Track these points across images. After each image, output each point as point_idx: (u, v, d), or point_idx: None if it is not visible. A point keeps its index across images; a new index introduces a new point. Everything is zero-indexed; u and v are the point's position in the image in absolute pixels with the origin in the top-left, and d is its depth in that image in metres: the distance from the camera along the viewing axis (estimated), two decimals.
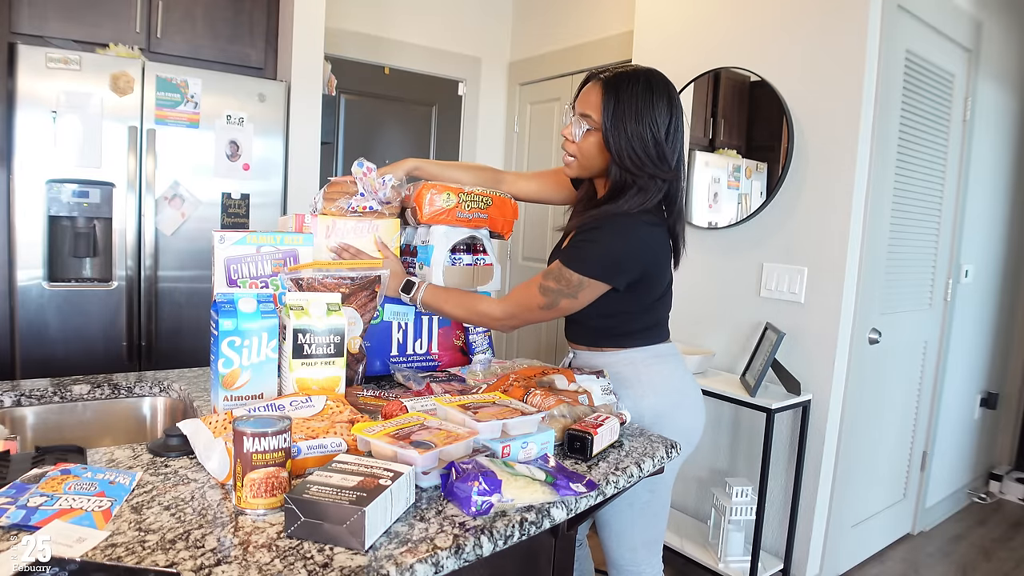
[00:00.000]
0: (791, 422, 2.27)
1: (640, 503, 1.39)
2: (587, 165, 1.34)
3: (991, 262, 3.02)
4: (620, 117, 1.24)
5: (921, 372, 2.69)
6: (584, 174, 1.37)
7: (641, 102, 1.24)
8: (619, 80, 1.26)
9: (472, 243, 1.60)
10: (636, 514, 1.40)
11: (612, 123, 1.25)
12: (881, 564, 2.57)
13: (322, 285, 1.26)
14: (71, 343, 2.35)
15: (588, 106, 1.29)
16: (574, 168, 1.36)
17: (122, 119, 2.35)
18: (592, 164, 1.33)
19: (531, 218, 3.74)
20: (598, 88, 1.28)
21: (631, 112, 1.24)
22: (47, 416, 1.33)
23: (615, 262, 1.28)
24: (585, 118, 1.29)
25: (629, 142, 1.25)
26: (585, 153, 1.32)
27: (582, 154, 1.32)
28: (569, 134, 1.33)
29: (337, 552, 0.76)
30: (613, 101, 1.25)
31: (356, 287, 1.30)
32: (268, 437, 0.83)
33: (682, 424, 1.38)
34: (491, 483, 0.89)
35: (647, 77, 1.27)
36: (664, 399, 1.38)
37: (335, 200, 1.48)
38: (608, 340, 1.41)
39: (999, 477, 3.30)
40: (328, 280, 1.27)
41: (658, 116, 1.25)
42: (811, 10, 2.22)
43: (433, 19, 3.59)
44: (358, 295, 1.31)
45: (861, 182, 2.14)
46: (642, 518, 1.41)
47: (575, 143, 1.32)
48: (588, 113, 1.28)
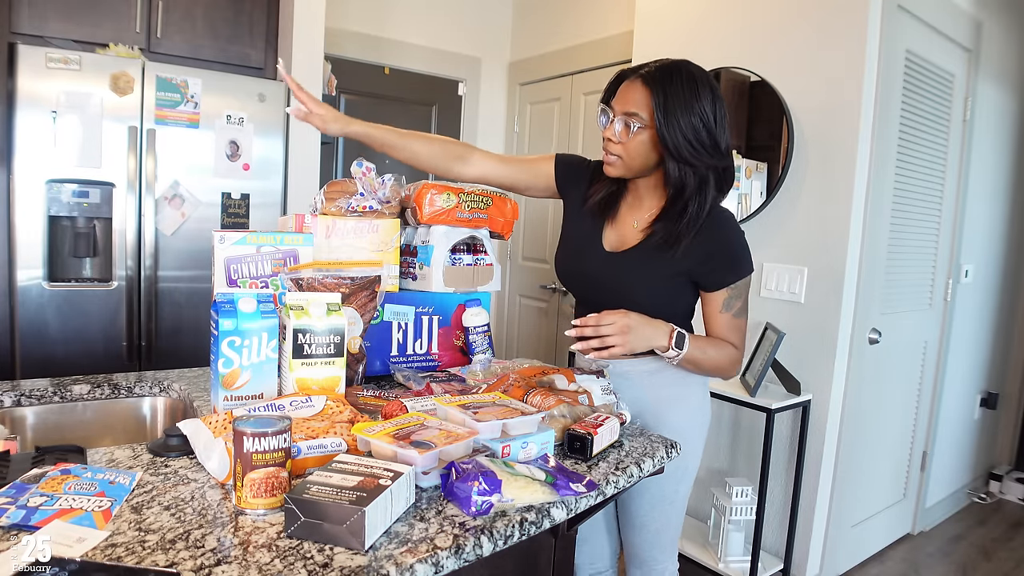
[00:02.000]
0: (791, 422, 2.27)
1: (680, 499, 1.42)
2: (633, 164, 1.30)
3: (991, 262, 3.02)
4: (672, 111, 1.22)
5: (921, 372, 2.69)
6: (628, 174, 1.33)
7: (688, 93, 1.22)
8: (662, 74, 1.24)
9: (472, 243, 1.60)
10: (676, 511, 1.43)
11: (665, 119, 1.22)
12: (881, 564, 2.57)
13: (322, 285, 1.26)
14: (71, 343, 2.35)
15: (632, 104, 1.25)
16: (618, 168, 1.31)
17: (122, 119, 2.35)
18: (639, 163, 1.29)
19: (531, 218, 3.74)
20: (640, 85, 1.25)
21: (680, 104, 1.22)
22: (47, 416, 1.33)
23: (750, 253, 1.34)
24: (632, 116, 1.25)
25: (684, 134, 1.22)
26: (632, 152, 1.28)
27: (629, 154, 1.28)
28: (612, 135, 1.28)
29: (337, 552, 0.76)
30: (662, 96, 1.22)
31: (356, 287, 1.30)
32: (268, 437, 0.83)
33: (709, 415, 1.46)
34: (491, 483, 0.89)
35: (687, 68, 1.26)
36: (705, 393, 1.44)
37: (335, 200, 1.48)
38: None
39: (999, 477, 3.30)
40: (328, 280, 1.27)
41: (705, 105, 1.23)
42: (811, 10, 2.22)
43: (433, 19, 3.59)
44: (358, 295, 1.30)
45: (861, 182, 2.14)
46: (678, 515, 1.44)
47: (620, 143, 1.28)
48: (635, 111, 1.25)
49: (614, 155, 1.30)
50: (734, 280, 1.31)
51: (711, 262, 1.30)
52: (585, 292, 1.46)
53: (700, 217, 1.28)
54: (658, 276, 1.32)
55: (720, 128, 1.25)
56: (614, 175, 1.34)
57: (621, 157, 1.29)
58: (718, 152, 1.26)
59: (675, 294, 1.35)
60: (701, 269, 1.30)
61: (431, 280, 1.52)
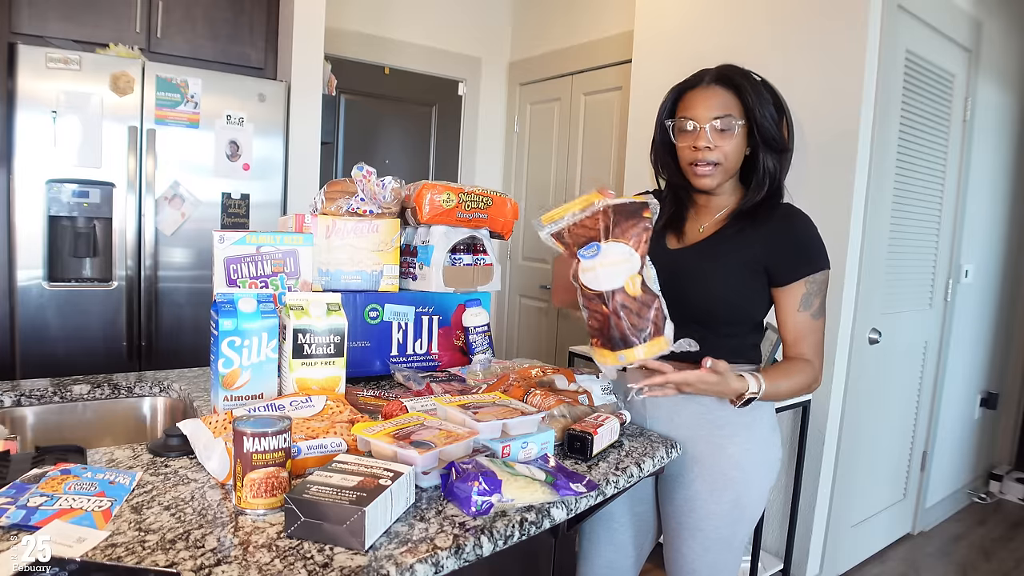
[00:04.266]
0: (791, 422, 2.27)
1: (737, 544, 1.29)
2: (730, 167, 1.27)
3: (991, 262, 3.02)
4: (756, 104, 1.24)
5: (921, 372, 2.69)
6: (724, 179, 1.29)
7: (755, 84, 1.27)
8: (732, 73, 1.27)
9: (472, 243, 1.60)
10: (732, 558, 1.29)
11: (757, 109, 1.24)
12: (881, 564, 2.57)
13: (582, 227, 1.11)
14: (71, 343, 2.35)
15: (721, 107, 1.24)
16: (718, 175, 1.26)
17: (122, 119, 2.35)
18: (733, 164, 1.27)
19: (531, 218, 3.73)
20: (720, 89, 1.26)
21: (759, 95, 1.25)
22: (47, 416, 1.33)
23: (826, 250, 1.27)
24: (725, 118, 1.23)
25: (770, 122, 1.25)
26: (732, 154, 1.25)
27: (728, 156, 1.25)
28: (707, 142, 1.23)
29: (337, 552, 0.76)
30: (746, 93, 1.25)
31: (619, 217, 1.11)
32: (268, 437, 0.83)
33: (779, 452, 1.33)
34: (491, 483, 0.89)
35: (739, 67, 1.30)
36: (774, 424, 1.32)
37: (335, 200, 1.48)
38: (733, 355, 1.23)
39: (999, 477, 3.30)
40: (584, 220, 1.12)
41: (773, 95, 1.28)
42: (811, 10, 2.21)
43: (433, 19, 3.59)
44: (624, 227, 1.10)
45: (861, 182, 2.14)
46: (734, 561, 1.30)
47: (718, 148, 1.24)
48: (727, 113, 1.23)
49: (712, 162, 1.25)
50: (809, 271, 1.22)
51: (784, 250, 1.23)
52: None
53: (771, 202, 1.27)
54: (729, 265, 1.25)
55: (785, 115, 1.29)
56: (712, 185, 1.28)
57: (720, 163, 1.25)
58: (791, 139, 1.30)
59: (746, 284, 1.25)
60: (773, 258, 1.23)
61: (431, 280, 1.52)
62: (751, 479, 1.25)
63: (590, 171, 3.40)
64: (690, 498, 1.27)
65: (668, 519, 1.33)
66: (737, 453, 1.25)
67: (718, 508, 1.25)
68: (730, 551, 1.28)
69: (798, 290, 1.23)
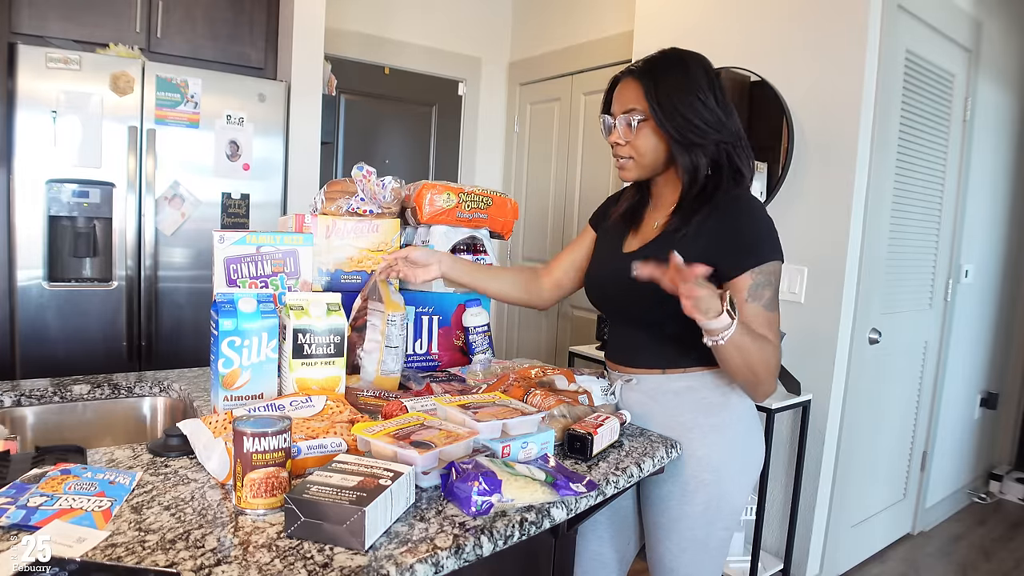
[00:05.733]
0: (791, 422, 2.27)
1: (715, 544, 1.26)
2: (645, 162, 1.25)
3: (991, 262, 3.02)
4: (665, 94, 1.19)
5: (921, 372, 2.69)
6: (644, 173, 1.28)
7: (678, 73, 1.21)
8: (649, 65, 1.23)
9: (472, 243, 1.61)
10: (711, 558, 1.27)
11: (660, 102, 1.19)
12: (881, 564, 2.57)
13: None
14: (71, 343, 2.35)
15: (628, 101, 1.23)
16: (632, 170, 1.27)
17: (122, 119, 2.35)
18: (650, 159, 1.25)
19: (531, 218, 3.74)
20: (631, 81, 1.24)
21: (673, 86, 1.20)
22: (47, 416, 1.33)
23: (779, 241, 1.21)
24: (630, 112, 1.23)
25: (683, 115, 1.19)
26: (641, 148, 1.24)
27: (638, 151, 1.24)
28: (617, 137, 1.25)
29: (337, 552, 0.76)
30: (653, 83, 1.21)
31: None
32: (268, 437, 0.83)
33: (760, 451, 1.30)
34: (491, 483, 0.89)
35: (674, 52, 1.25)
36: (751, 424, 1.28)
37: (335, 200, 1.48)
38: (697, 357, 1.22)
39: (999, 477, 3.30)
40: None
41: (700, 81, 1.20)
42: (811, 10, 2.22)
43: (433, 19, 3.59)
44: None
45: (861, 182, 2.14)
46: (714, 563, 1.28)
47: (628, 143, 1.24)
48: (631, 106, 1.23)
49: (624, 157, 1.27)
50: (754, 263, 1.16)
51: (728, 242, 1.18)
52: (603, 300, 1.37)
53: (716, 196, 1.20)
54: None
55: (722, 103, 1.22)
56: (631, 178, 1.30)
57: (632, 158, 1.26)
58: (724, 127, 1.21)
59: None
60: (717, 251, 1.17)
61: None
62: (724, 481, 1.23)
63: (590, 171, 3.40)
64: (663, 498, 1.27)
65: (646, 518, 1.33)
66: (707, 456, 1.23)
67: (691, 510, 1.24)
68: (707, 552, 1.26)
69: (744, 282, 1.17)
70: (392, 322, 1.32)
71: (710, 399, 1.25)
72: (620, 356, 1.35)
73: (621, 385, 1.34)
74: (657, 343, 1.27)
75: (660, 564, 1.30)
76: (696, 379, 1.25)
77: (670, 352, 1.26)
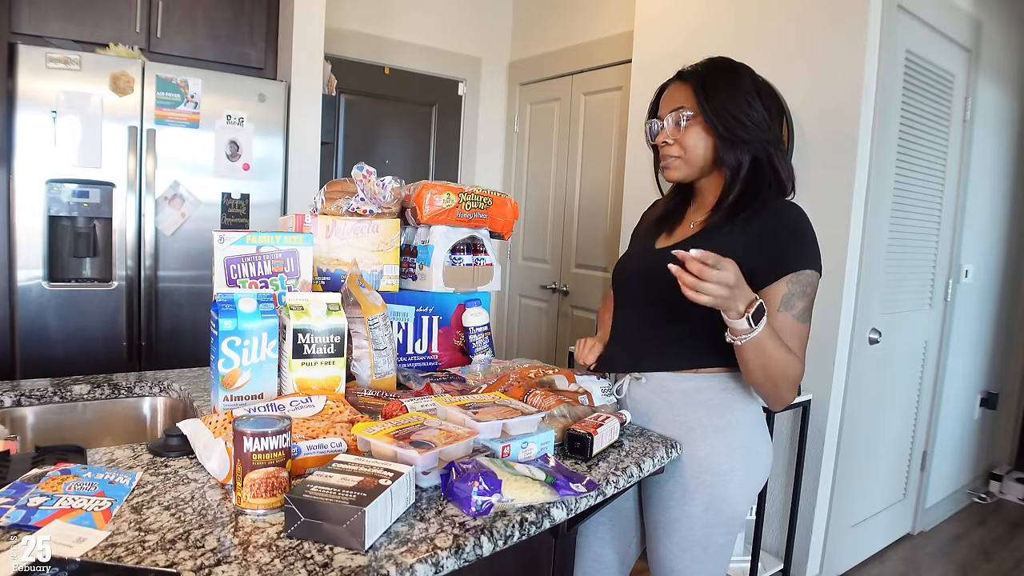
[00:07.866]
0: (791, 422, 2.27)
1: (715, 546, 1.25)
2: (693, 160, 1.26)
3: (991, 262, 3.02)
4: (714, 93, 1.22)
5: (921, 372, 2.69)
6: (690, 172, 1.28)
7: (726, 74, 1.25)
8: (699, 69, 1.26)
9: (472, 243, 1.61)
10: (712, 560, 1.26)
11: (709, 100, 1.22)
12: (881, 564, 2.57)
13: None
14: (71, 343, 2.35)
15: (676, 101, 1.26)
16: (679, 169, 1.28)
17: (122, 119, 2.35)
18: (698, 157, 1.25)
19: (531, 218, 3.74)
20: (679, 83, 1.27)
21: (720, 85, 1.23)
22: (47, 416, 1.33)
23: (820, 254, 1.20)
24: (678, 111, 1.24)
25: (731, 112, 1.21)
26: (689, 146, 1.25)
27: (686, 148, 1.25)
28: (666, 136, 1.27)
29: (337, 552, 0.76)
30: (701, 83, 1.23)
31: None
32: (268, 437, 0.83)
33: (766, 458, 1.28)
34: (491, 483, 0.89)
35: (722, 59, 1.28)
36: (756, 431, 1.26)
37: (335, 200, 1.48)
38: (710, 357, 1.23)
39: (999, 477, 3.30)
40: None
41: (747, 85, 1.24)
42: (811, 10, 2.22)
43: (433, 19, 3.59)
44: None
45: (861, 182, 2.14)
46: (716, 565, 1.27)
47: (676, 142, 1.26)
48: (680, 105, 1.25)
49: (673, 156, 1.27)
50: (790, 270, 1.15)
51: (766, 248, 1.17)
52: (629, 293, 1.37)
53: (758, 198, 1.21)
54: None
55: (767, 106, 1.24)
56: (676, 178, 1.30)
57: (680, 156, 1.27)
58: (769, 128, 1.24)
59: None
60: (755, 256, 1.15)
61: (431, 280, 1.52)
62: (727, 483, 1.22)
63: (590, 171, 3.40)
64: (664, 498, 1.27)
65: (647, 518, 1.33)
66: (709, 457, 1.22)
67: (691, 510, 1.24)
68: (707, 553, 1.25)
69: (779, 289, 1.15)
70: (374, 324, 1.32)
71: (716, 400, 1.24)
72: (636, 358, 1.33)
73: (629, 381, 1.34)
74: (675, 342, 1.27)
75: (660, 564, 1.30)
76: (705, 380, 1.25)
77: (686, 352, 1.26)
